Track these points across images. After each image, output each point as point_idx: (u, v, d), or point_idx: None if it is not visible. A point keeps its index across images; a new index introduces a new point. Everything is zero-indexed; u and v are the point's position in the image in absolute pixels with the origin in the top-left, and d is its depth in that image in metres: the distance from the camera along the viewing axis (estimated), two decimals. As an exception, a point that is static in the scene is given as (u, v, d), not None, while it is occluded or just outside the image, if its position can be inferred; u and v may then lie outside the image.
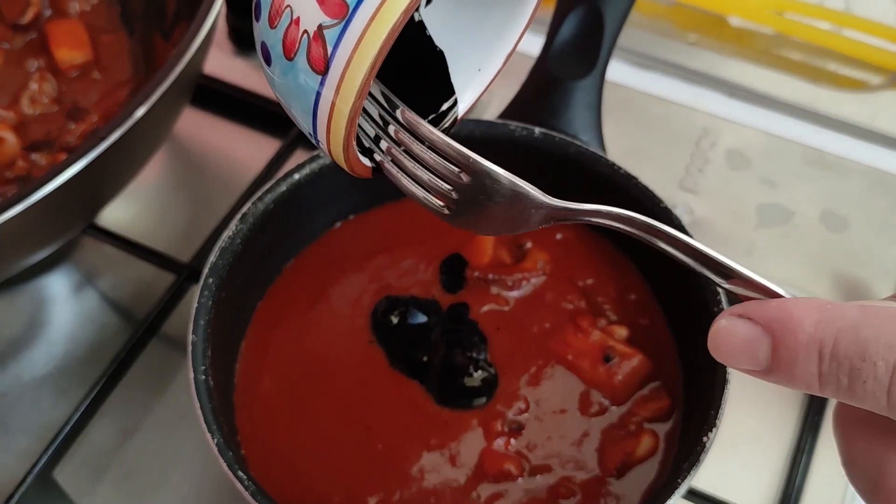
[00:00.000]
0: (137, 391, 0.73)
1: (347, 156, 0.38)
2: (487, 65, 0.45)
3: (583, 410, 0.56)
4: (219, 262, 0.55)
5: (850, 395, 0.32)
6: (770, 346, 0.33)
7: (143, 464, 0.69)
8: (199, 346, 0.52)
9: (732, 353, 0.35)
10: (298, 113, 0.38)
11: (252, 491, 0.47)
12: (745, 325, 0.34)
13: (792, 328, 0.33)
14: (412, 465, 0.53)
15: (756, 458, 0.69)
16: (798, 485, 0.66)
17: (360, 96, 0.35)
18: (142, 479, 0.68)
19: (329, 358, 0.60)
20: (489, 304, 0.60)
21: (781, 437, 0.70)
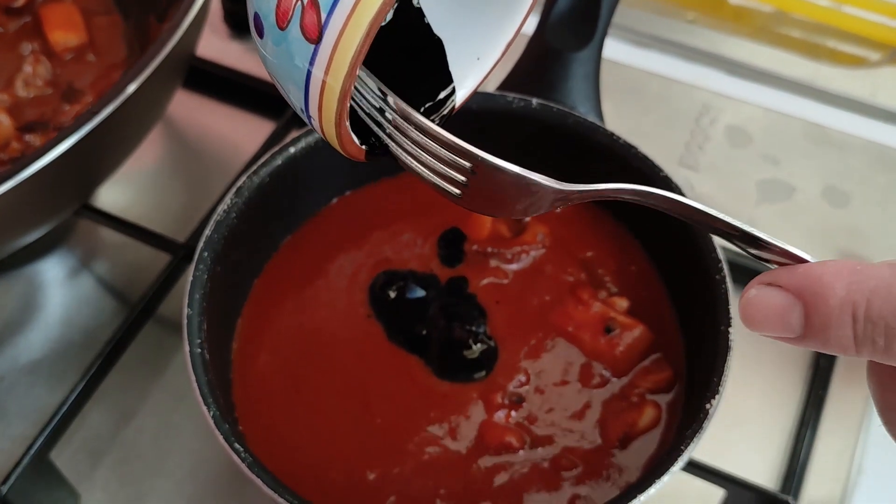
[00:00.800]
0: (134, 374, 0.72)
1: (340, 134, 0.37)
2: (486, 54, 0.44)
3: (584, 382, 0.55)
4: (214, 236, 0.55)
5: (888, 355, 0.32)
6: (802, 313, 0.33)
7: (141, 447, 0.68)
8: (194, 319, 0.51)
9: (765, 322, 0.34)
10: (290, 88, 0.37)
11: (249, 463, 0.46)
12: (775, 293, 0.33)
13: (823, 293, 0.32)
14: (411, 439, 0.53)
15: (760, 433, 0.68)
16: (802, 460, 0.66)
17: (354, 67, 0.34)
18: (140, 462, 0.67)
19: (327, 333, 0.59)
20: (488, 277, 0.59)
21: (785, 413, 0.69)
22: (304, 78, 0.36)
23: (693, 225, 0.48)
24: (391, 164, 0.64)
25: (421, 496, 0.51)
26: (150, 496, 0.65)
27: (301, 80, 0.36)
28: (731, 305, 0.51)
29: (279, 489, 0.45)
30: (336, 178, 0.64)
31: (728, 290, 0.52)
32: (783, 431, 0.68)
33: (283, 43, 0.35)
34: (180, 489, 0.66)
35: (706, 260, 0.54)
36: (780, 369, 0.71)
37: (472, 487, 0.51)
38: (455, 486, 0.51)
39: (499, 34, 0.43)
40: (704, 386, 0.48)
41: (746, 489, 0.58)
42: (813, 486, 0.65)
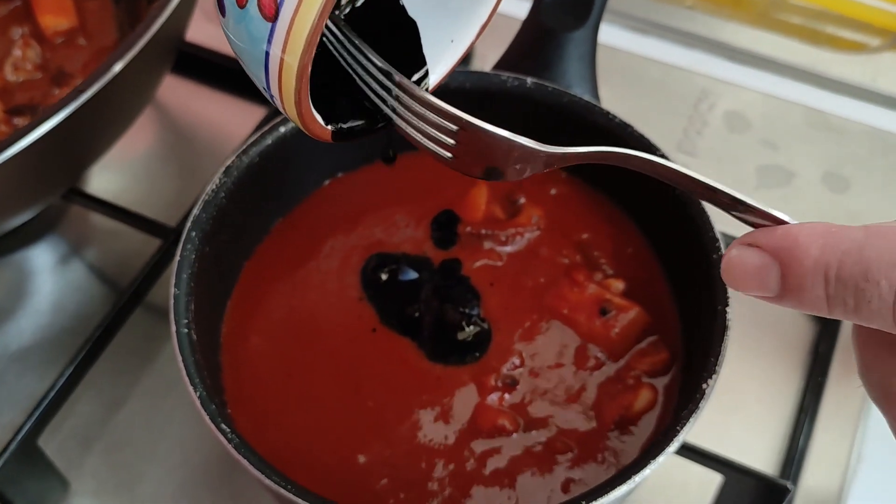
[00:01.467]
0: (125, 362, 0.71)
1: (301, 112, 0.37)
2: (460, 37, 0.44)
3: (579, 365, 0.54)
4: (202, 215, 0.54)
5: (857, 316, 0.32)
6: (779, 273, 0.34)
7: (132, 434, 0.67)
8: (181, 299, 0.51)
9: (744, 281, 0.35)
10: (252, 67, 0.37)
11: (235, 444, 0.45)
12: (753, 253, 0.34)
13: (798, 255, 0.33)
14: (403, 423, 0.52)
15: (759, 420, 0.67)
16: (802, 446, 0.65)
17: (310, 44, 0.34)
18: (130, 449, 0.67)
19: (318, 316, 0.58)
20: (482, 259, 0.59)
21: (785, 400, 0.69)
22: (263, 56, 0.36)
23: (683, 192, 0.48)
24: (384, 146, 0.64)
25: (413, 479, 0.50)
26: (141, 483, 0.65)
27: (261, 59, 0.36)
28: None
29: (266, 470, 0.44)
30: (328, 160, 0.63)
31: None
32: (782, 418, 0.68)
33: (242, 22, 0.36)
34: (171, 476, 0.65)
35: (703, 239, 0.53)
36: (780, 356, 0.71)
37: (464, 471, 0.50)
38: (448, 469, 0.51)
39: (472, 18, 0.44)
40: (701, 367, 0.47)
41: (745, 475, 0.58)
42: (812, 472, 0.64)
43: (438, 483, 0.50)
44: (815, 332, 0.71)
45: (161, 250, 0.69)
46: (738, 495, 0.59)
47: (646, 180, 0.58)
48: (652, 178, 0.57)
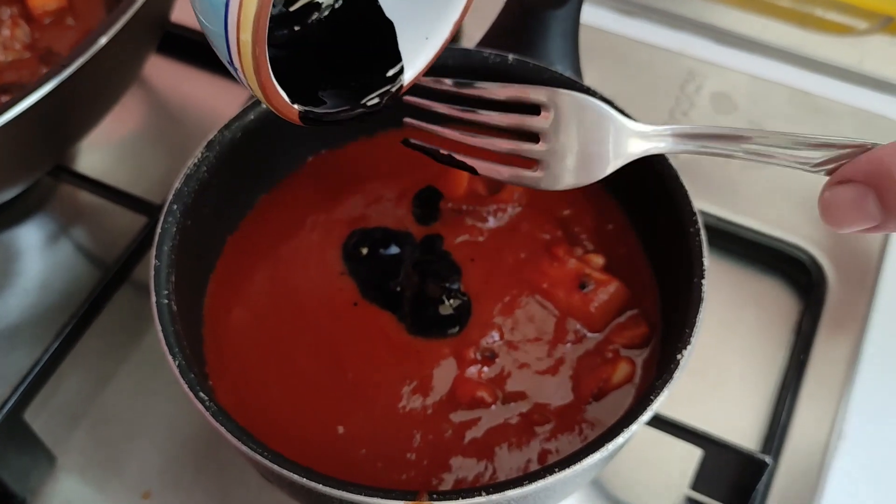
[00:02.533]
0: (112, 339, 0.72)
1: (262, 86, 0.37)
2: (434, 34, 0.45)
3: (558, 338, 0.54)
4: (184, 189, 0.54)
5: None
6: (875, 198, 0.33)
7: (118, 411, 0.68)
8: (161, 271, 0.51)
9: (845, 216, 0.35)
10: (216, 41, 0.37)
11: (213, 412, 0.46)
12: (846, 188, 0.34)
13: (889, 173, 0.33)
14: (383, 394, 0.52)
15: (741, 396, 0.68)
16: (783, 423, 0.65)
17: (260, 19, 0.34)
18: (117, 426, 0.67)
19: (300, 290, 0.58)
20: (463, 234, 0.59)
21: (767, 376, 0.69)
22: (223, 30, 0.36)
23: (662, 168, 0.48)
24: (368, 123, 0.65)
25: (391, 450, 0.50)
26: (127, 458, 0.65)
27: (222, 33, 0.36)
28: (704, 258, 0.51)
29: (243, 438, 0.45)
30: (312, 137, 0.64)
31: (702, 242, 0.51)
32: (764, 395, 0.68)
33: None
34: (157, 451, 0.65)
35: (681, 214, 0.53)
36: (763, 332, 0.71)
37: (443, 441, 0.50)
38: (426, 440, 0.51)
39: (446, 15, 0.45)
40: (677, 338, 0.47)
41: (724, 449, 0.58)
42: (793, 448, 0.65)
43: (416, 453, 0.50)
44: (798, 310, 0.72)
45: (147, 228, 0.69)
46: (718, 470, 0.59)
47: None
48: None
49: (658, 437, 0.59)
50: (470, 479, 0.49)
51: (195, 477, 0.64)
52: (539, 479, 0.43)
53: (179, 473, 0.64)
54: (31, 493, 0.63)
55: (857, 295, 0.72)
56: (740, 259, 0.74)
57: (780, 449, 0.64)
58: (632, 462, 0.64)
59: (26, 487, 0.63)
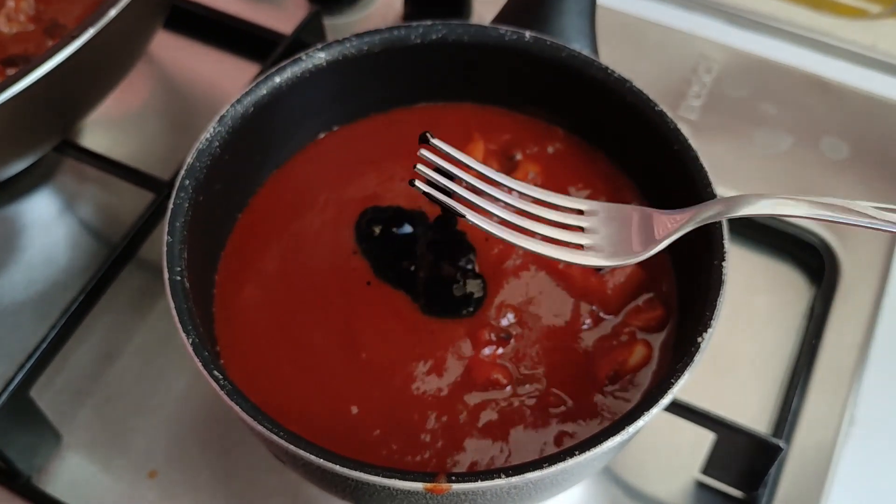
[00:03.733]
0: (119, 316, 0.71)
1: None
2: None
3: (574, 320, 0.54)
4: (196, 164, 0.53)
5: None
6: None
7: (125, 388, 0.68)
8: (174, 246, 0.50)
9: None
10: None
11: (228, 390, 0.45)
12: None
13: None
14: (397, 375, 0.52)
15: (753, 380, 0.67)
16: (795, 407, 0.65)
17: None
18: (123, 403, 0.67)
19: (312, 269, 0.58)
20: None
21: (779, 361, 0.69)
22: None
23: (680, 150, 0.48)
24: (380, 100, 0.64)
25: (405, 431, 0.49)
26: (133, 437, 0.65)
27: None
28: (725, 240, 0.50)
29: (258, 416, 0.44)
30: (324, 112, 0.63)
31: (723, 225, 0.50)
32: (776, 379, 0.68)
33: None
34: (163, 430, 0.65)
35: (701, 195, 0.52)
36: (775, 317, 0.71)
37: (457, 423, 0.50)
38: (441, 422, 0.50)
39: None
40: (696, 320, 0.47)
41: (737, 433, 0.57)
42: (804, 433, 0.64)
43: (431, 435, 0.50)
44: (810, 294, 0.72)
45: (154, 204, 0.68)
46: (731, 454, 0.59)
47: (643, 138, 0.58)
48: (649, 136, 0.58)
49: (669, 420, 0.58)
50: (485, 462, 0.49)
51: (202, 456, 0.64)
52: (559, 461, 0.43)
53: (186, 453, 0.63)
54: (36, 470, 0.63)
55: (869, 279, 0.71)
56: (751, 243, 0.74)
57: (792, 434, 0.64)
58: (641, 445, 0.64)
59: (32, 465, 0.62)
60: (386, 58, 0.60)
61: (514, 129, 0.62)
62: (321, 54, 0.58)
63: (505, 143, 0.63)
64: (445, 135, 0.60)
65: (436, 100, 0.64)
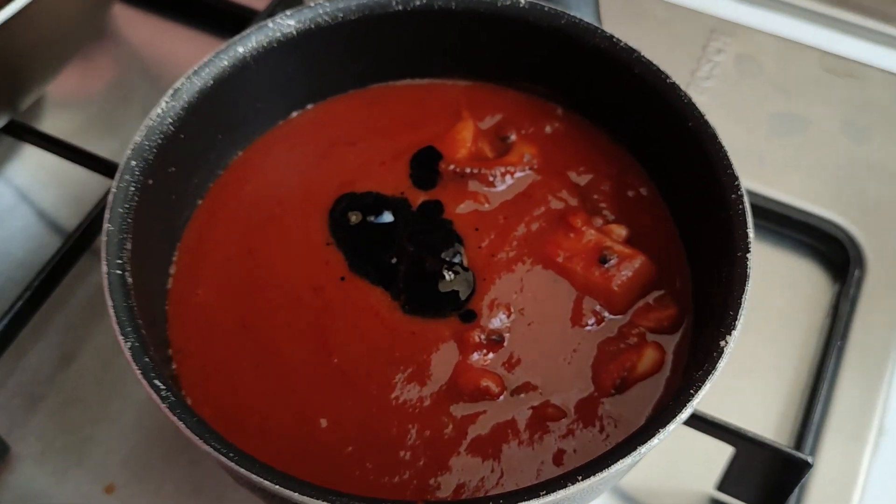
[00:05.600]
0: (76, 315, 0.66)
1: None
2: None
3: (575, 320, 0.49)
4: (144, 143, 0.47)
5: None
6: None
7: (81, 393, 0.62)
8: (114, 237, 0.44)
9: None
10: None
11: (170, 403, 0.39)
12: None
13: None
14: (373, 382, 0.47)
15: (772, 387, 0.62)
16: (819, 416, 0.59)
17: None
18: (79, 410, 0.61)
19: (280, 262, 0.52)
20: (467, 201, 0.54)
21: (800, 365, 0.63)
22: None
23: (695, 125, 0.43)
24: (359, 75, 0.58)
25: (382, 447, 0.45)
26: (89, 445, 0.59)
27: None
28: (749, 228, 0.44)
29: (205, 434, 0.38)
30: (295, 88, 0.57)
31: (746, 211, 0.45)
32: (797, 385, 0.62)
33: None
34: (123, 438, 0.60)
35: (719, 178, 0.47)
36: (795, 316, 0.65)
37: (442, 438, 0.45)
38: (423, 437, 0.46)
39: None
40: (718, 321, 0.42)
41: (759, 446, 0.51)
42: (829, 445, 0.59)
43: (411, 452, 0.45)
44: (833, 291, 0.66)
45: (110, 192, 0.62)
46: (750, 469, 0.54)
47: (653, 115, 0.52)
48: (659, 111, 0.51)
49: (680, 431, 0.52)
50: (473, 484, 0.44)
51: (165, 469, 0.59)
52: (560, 488, 0.37)
53: (147, 465, 0.58)
54: (-22, 485, 0.57)
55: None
56: (768, 235, 0.69)
57: (816, 446, 0.59)
58: (649, 459, 0.57)
59: (-28, 479, 0.57)
60: (364, 27, 0.55)
61: (508, 107, 0.58)
62: (290, 21, 0.53)
63: (498, 123, 0.58)
64: (430, 114, 0.57)
65: (421, 75, 0.59)
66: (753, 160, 0.72)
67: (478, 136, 0.56)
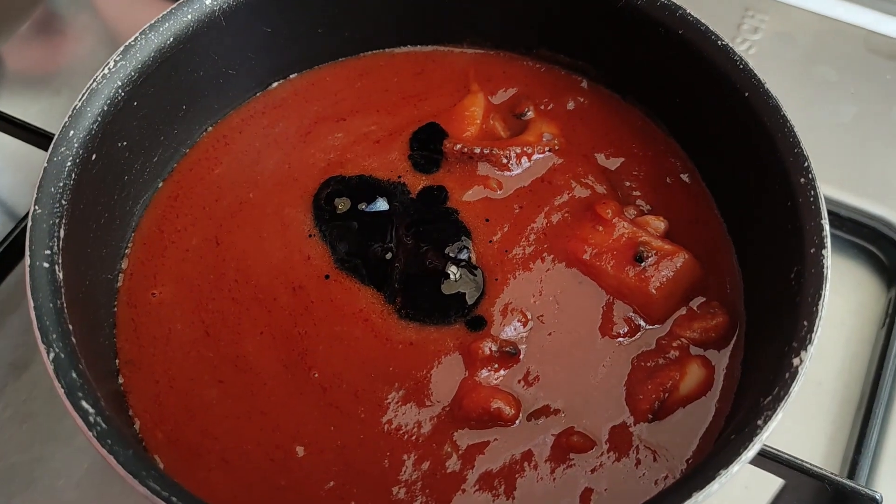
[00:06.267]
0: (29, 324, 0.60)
1: None
2: None
3: (605, 330, 0.44)
4: (86, 110, 0.41)
5: None
6: None
7: (32, 407, 0.57)
8: (41, 221, 0.38)
9: None
10: None
11: (99, 431, 0.31)
12: None
13: None
14: (360, 402, 0.42)
15: (819, 407, 0.56)
16: (875, 441, 0.53)
17: None
18: (30, 425, 0.56)
19: (254, 256, 0.47)
20: (475, 187, 0.49)
21: (851, 381, 0.57)
22: None
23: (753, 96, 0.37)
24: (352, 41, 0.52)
25: (371, 482, 0.40)
26: (41, 466, 0.54)
27: None
28: (823, 219, 0.38)
29: (140, 471, 0.31)
30: (275, 53, 0.52)
31: (819, 197, 0.38)
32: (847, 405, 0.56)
33: None
34: (80, 457, 0.55)
35: (783, 159, 0.41)
36: (844, 327, 0.59)
37: (443, 472, 0.40)
38: (421, 470, 0.40)
39: None
40: (788, 333, 0.36)
41: (814, 478, 0.45)
42: (888, 477, 0.53)
43: (406, 489, 0.40)
44: (888, 297, 0.60)
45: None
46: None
47: (699, 86, 0.46)
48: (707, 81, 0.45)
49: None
50: None
51: (122, 496, 0.53)
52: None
53: (103, 491, 0.54)
54: None
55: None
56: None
57: (873, 476, 0.53)
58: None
59: None
60: (357, -16, 0.50)
61: (524, 79, 0.53)
62: (269, -29, 0.46)
63: (512, 97, 0.52)
64: (433, 86, 0.52)
65: (424, 42, 0.54)
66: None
67: (489, 111, 0.52)
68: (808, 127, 0.68)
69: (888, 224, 0.62)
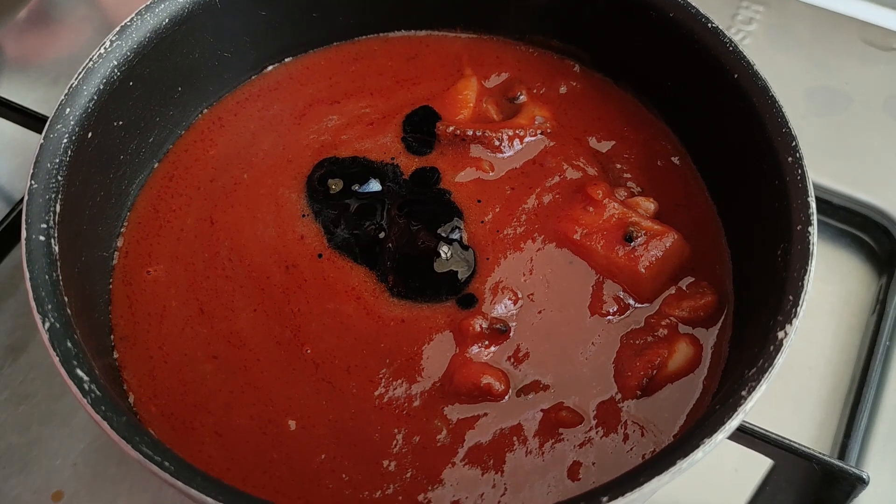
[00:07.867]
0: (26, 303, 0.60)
1: None
2: None
3: (594, 309, 0.44)
4: (82, 88, 0.41)
5: None
6: None
7: (30, 388, 0.57)
8: (37, 196, 0.38)
9: None
10: None
11: (94, 398, 0.32)
12: None
13: None
14: (352, 377, 0.42)
15: (810, 390, 0.56)
16: (865, 424, 0.54)
17: None
18: (27, 406, 0.56)
19: (247, 236, 0.47)
20: (467, 168, 0.49)
21: (842, 366, 0.57)
22: None
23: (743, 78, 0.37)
24: (346, 24, 0.52)
25: (362, 455, 0.40)
26: (36, 448, 0.54)
27: None
28: (810, 197, 0.38)
29: (133, 436, 0.31)
30: (272, 37, 0.52)
31: (806, 175, 0.38)
32: (838, 389, 0.57)
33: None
34: (75, 440, 0.55)
35: (772, 138, 0.41)
36: (835, 312, 0.59)
37: (434, 445, 0.40)
38: (411, 443, 0.40)
39: None
40: (773, 308, 0.37)
41: (803, 459, 0.45)
42: (877, 458, 0.53)
43: (397, 461, 0.40)
44: (878, 284, 0.60)
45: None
46: (790, 486, 0.48)
47: (687, 67, 0.46)
48: (697, 64, 0.45)
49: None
50: (471, 501, 0.39)
51: (118, 476, 0.54)
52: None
53: (99, 471, 0.54)
54: None
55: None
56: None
57: (862, 459, 0.53)
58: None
59: None
60: (353, -33, 0.50)
61: (517, 63, 0.53)
62: (265, -46, 0.46)
63: (505, 81, 0.52)
64: (427, 69, 0.52)
65: (418, 27, 0.54)
66: (788, 139, 0.66)
67: (482, 95, 0.52)
68: (803, 117, 0.68)
69: (880, 212, 0.62)
